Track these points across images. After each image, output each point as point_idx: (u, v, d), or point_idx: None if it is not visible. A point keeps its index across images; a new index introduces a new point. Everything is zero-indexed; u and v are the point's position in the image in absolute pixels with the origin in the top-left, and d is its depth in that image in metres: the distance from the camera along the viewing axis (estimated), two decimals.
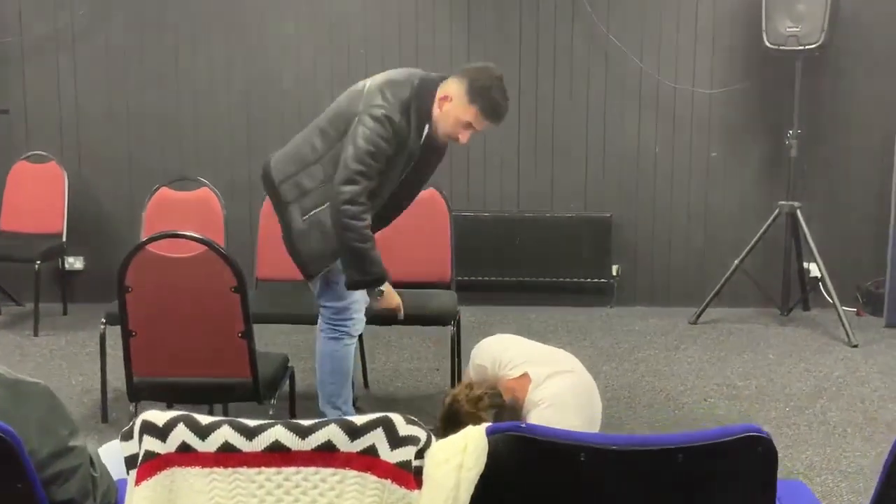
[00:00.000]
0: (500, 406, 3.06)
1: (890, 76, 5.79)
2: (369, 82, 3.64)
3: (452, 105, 3.51)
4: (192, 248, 3.21)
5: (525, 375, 3.19)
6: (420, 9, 6.03)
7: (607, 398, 3.82)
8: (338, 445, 1.70)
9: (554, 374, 3.18)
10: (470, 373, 3.47)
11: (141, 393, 3.42)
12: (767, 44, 5.49)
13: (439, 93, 3.54)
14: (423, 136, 3.57)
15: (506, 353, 3.36)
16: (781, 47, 5.47)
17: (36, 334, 5.43)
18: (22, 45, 6.01)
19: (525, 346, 3.49)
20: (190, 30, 6.05)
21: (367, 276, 3.51)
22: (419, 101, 3.54)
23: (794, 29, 5.40)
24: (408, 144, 3.53)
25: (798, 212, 5.61)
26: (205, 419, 1.75)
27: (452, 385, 4.16)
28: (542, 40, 6.00)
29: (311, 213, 3.52)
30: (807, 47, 5.41)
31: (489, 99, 3.49)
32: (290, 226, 3.57)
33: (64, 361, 5.01)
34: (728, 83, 5.92)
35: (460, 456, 1.68)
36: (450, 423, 2.98)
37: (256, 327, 3.42)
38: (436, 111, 3.54)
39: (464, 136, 3.54)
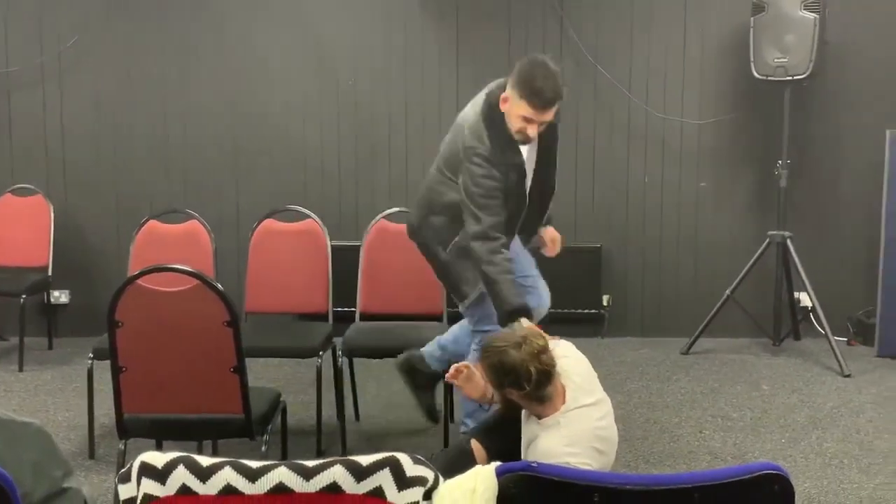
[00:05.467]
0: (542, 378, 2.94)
1: (877, 105, 5.82)
2: (460, 117, 3.72)
3: (510, 104, 3.50)
4: (183, 282, 3.15)
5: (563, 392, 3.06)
6: (409, 39, 6.03)
7: None
8: (343, 487, 1.65)
9: (585, 407, 3.07)
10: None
11: (131, 429, 3.35)
12: (756, 74, 5.52)
13: (502, 97, 3.55)
14: (515, 144, 3.58)
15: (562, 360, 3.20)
16: (770, 78, 5.49)
17: (21, 369, 5.34)
18: (8, 76, 5.97)
19: (581, 367, 3.29)
20: (177, 61, 6.02)
21: (508, 306, 3.46)
22: (491, 116, 3.56)
23: (782, 60, 5.42)
24: (511, 161, 3.56)
25: (788, 241, 5.61)
26: (205, 460, 1.70)
27: (446, 419, 4.11)
28: None
29: (451, 243, 3.71)
30: (795, 78, 5.44)
31: (531, 86, 3.43)
32: (437, 259, 3.81)
33: (49, 397, 4.93)
34: (717, 114, 5.94)
35: (469, 497, 1.64)
36: (495, 372, 2.94)
37: (246, 361, 3.37)
38: (505, 116, 3.55)
39: (531, 130, 3.49)
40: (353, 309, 4.59)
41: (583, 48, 5.92)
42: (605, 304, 6.03)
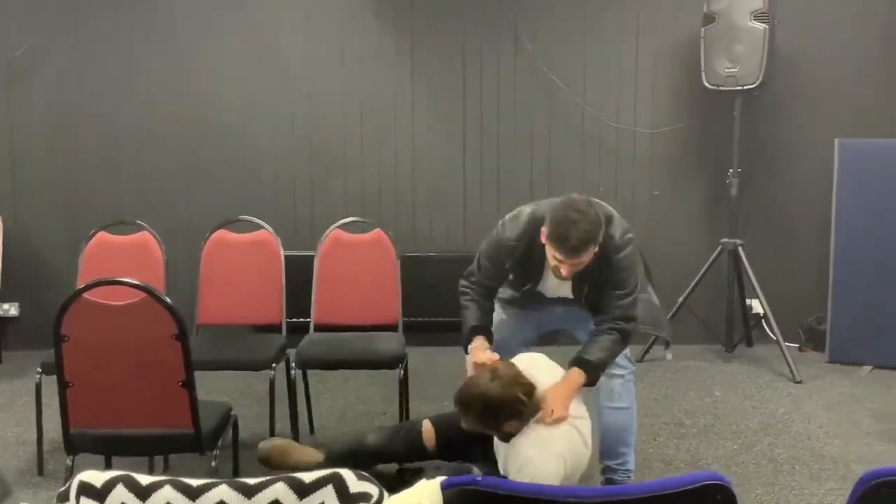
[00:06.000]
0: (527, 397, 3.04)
1: (825, 114, 5.91)
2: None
3: (545, 240, 3.40)
4: (131, 295, 3.11)
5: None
6: (364, 48, 6.02)
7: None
8: None
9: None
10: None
11: (78, 445, 3.29)
12: (706, 84, 5.58)
13: (542, 229, 3.44)
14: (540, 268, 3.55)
15: (538, 374, 3.30)
16: (720, 87, 5.56)
17: None
18: None
19: (554, 373, 3.40)
20: (128, 71, 5.95)
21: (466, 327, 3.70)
22: (532, 232, 3.50)
23: (733, 69, 5.49)
24: (525, 262, 3.54)
25: (740, 249, 5.68)
26: (145, 479, 1.67)
27: None
28: (485, 79, 6.02)
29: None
30: (745, 87, 5.50)
31: (557, 232, 3.32)
32: None
33: None
34: (669, 123, 6.00)
35: None
36: (489, 414, 3.02)
37: (197, 374, 3.32)
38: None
39: (563, 270, 3.37)
40: (308, 320, 4.56)
41: (537, 58, 5.95)
42: None
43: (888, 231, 5.51)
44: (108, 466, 3.46)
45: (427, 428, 3.57)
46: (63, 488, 1.75)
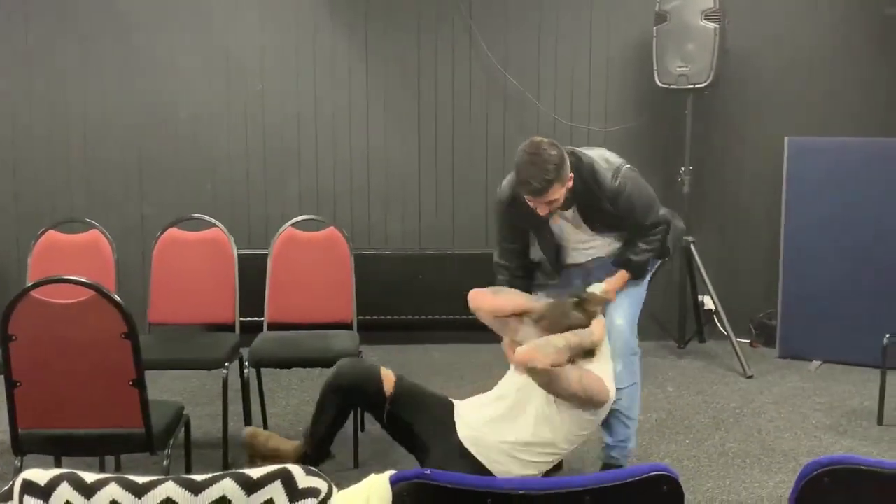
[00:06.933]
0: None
1: (776, 113, 6.00)
2: None
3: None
4: (80, 294, 3.07)
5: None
6: (318, 44, 5.99)
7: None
8: (233, 501, 1.61)
9: None
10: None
11: (27, 446, 3.23)
12: (659, 83, 5.64)
13: None
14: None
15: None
16: (672, 86, 5.62)
17: None
18: None
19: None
20: (80, 67, 5.88)
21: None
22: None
23: (684, 68, 5.55)
24: (528, 215, 3.66)
25: (692, 246, 5.74)
26: (90, 477, 1.65)
27: (356, 430, 4.08)
28: (440, 79, 6.03)
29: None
30: (696, 86, 5.57)
31: (518, 176, 3.52)
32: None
33: None
34: (622, 121, 6.05)
35: None
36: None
37: (150, 374, 3.28)
38: None
39: (540, 210, 3.57)
40: (262, 319, 4.53)
41: (492, 56, 5.97)
42: None
43: (837, 228, 5.60)
44: (59, 467, 3.41)
45: (387, 375, 3.60)
46: (6, 487, 1.72)
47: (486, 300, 3.71)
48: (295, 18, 5.99)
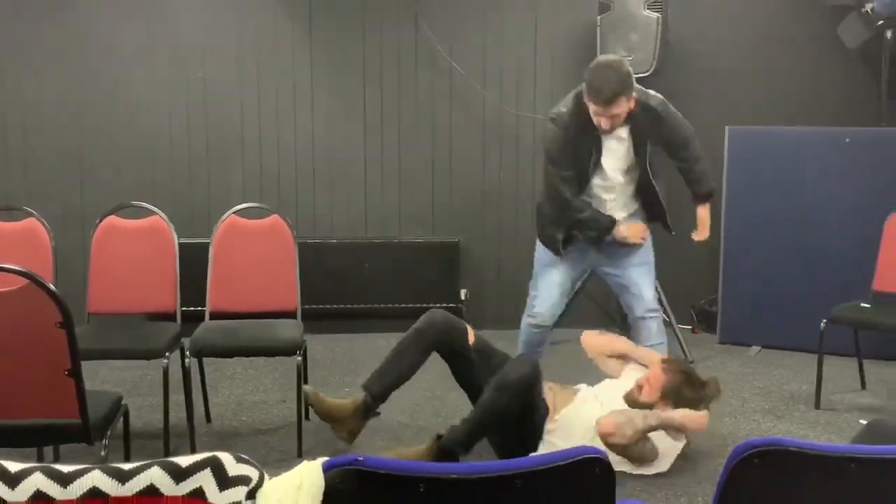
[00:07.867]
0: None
1: (717, 102, 6.07)
2: None
3: (585, 101, 4.12)
4: (13, 282, 3.00)
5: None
6: (261, 32, 5.94)
7: (456, 423, 3.82)
8: (161, 489, 1.60)
9: None
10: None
11: None
12: None
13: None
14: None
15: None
16: None
17: None
18: None
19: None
20: (18, 52, 5.76)
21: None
22: (579, 97, 4.19)
23: (628, 57, 5.57)
24: (580, 133, 4.18)
25: None
26: (14, 466, 1.62)
27: (299, 418, 4.06)
28: (386, 65, 6.01)
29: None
30: (639, 75, 5.59)
31: (590, 85, 4.04)
32: None
33: None
34: None
35: (295, 494, 1.61)
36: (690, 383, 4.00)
37: (90, 365, 3.24)
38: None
39: (604, 123, 4.10)
40: (204, 308, 4.49)
41: (438, 46, 5.96)
42: (462, 297, 6.09)
43: (776, 216, 5.69)
44: None
45: (471, 329, 4.10)
46: None
47: (597, 340, 4.41)
48: (239, 3, 5.92)
